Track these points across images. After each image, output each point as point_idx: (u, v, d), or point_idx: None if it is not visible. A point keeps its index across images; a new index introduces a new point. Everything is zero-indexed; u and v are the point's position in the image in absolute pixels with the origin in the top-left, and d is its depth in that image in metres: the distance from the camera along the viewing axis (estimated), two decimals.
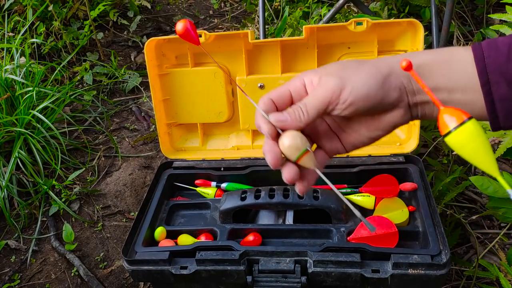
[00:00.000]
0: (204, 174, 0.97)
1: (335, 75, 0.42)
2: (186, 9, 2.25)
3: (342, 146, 0.47)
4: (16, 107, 1.38)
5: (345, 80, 0.41)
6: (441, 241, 0.73)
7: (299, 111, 0.42)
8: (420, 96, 0.43)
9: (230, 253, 0.73)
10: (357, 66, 0.43)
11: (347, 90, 0.41)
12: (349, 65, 0.43)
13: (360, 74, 0.42)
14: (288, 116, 0.42)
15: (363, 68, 0.42)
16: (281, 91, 0.45)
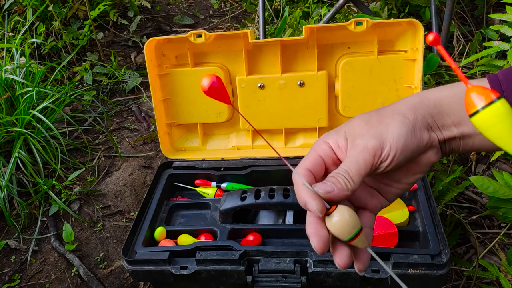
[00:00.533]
0: (204, 174, 0.97)
1: (367, 135, 0.41)
2: (186, 9, 2.25)
3: (384, 199, 0.45)
4: (16, 107, 1.38)
5: (380, 137, 0.40)
6: (441, 241, 0.73)
7: (343, 179, 0.39)
8: (446, 132, 0.42)
9: (230, 253, 0.73)
10: (381, 118, 0.42)
11: (387, 147, 0.40)
12: (372, 119, 0.42)
13: (390, 126, 0.41)
14: (335, 186, 0.38)
15: (389, 119, 0.41)
16: (313, 158, 0.42)
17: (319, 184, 0.39)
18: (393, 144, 0.40)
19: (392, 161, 0.40)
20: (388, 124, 0.41)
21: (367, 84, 0.93)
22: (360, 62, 0.92)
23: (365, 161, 0.40)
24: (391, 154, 0.40)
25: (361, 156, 0.40)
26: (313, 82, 0.95)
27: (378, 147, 0.40)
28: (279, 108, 0.98)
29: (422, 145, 0.41)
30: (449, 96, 0.42)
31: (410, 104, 0.42)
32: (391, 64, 0.91)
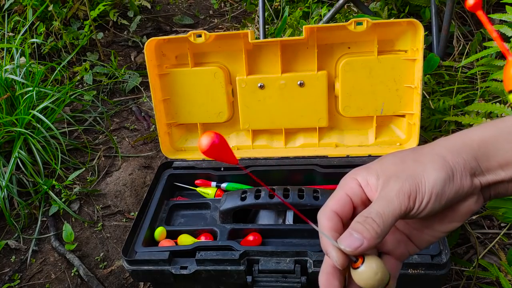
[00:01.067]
0: (204, 174, 0.97)
1: (403, 175, 0.37)
2: (186, 9, 2.25)
3: (414, 247, 0.42)
4: (16, 107, 1.38)
5: (416, 179, 0.37)
6: (441, 241, 0.73)
7: (373, 225, 0.35)
8: (491, 176, 0.38)
9: (230, 253, 0.73)
10: (417, 157, 0.38)
11: (423, 190, 0.36)
12: (407, 158, 0.38)
13: (428, 168, 0.37)
14: (363, 238, 0.35)
15: (427, 159, 0.38)
16: (340, 199, 0.39)
17: (346, 237, 0.36)
18: (429, 187, 0.36)
19: (426, 206, 0.36)
20: (426, 165, 0.37)
21: (367, 84, 0.93)
22: (360, 62, 0.92)
23: (400, 203, 0.36)
24: (426, 199, 0.36)
25: (396, 197, 0.36)
26: (313, 82, 0.95)
27: (414, 190, 0.36)
28: (279, 108, 0.98)
29: (462, 192, 0.37)
30: (494, 135, 0.38)
31: (451, 145, 0.38)
32: (391, 64, 0.91)
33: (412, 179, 0.36)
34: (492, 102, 1.03)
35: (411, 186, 0.36)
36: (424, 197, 0.36)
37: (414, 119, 0.92)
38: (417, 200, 0.36)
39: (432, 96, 1.23)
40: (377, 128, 0.98)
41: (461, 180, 0.37)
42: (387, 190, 0.37)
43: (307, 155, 0.97)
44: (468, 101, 1.20)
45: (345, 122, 1.00)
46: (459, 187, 0.37)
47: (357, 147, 0.99)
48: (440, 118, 1.14)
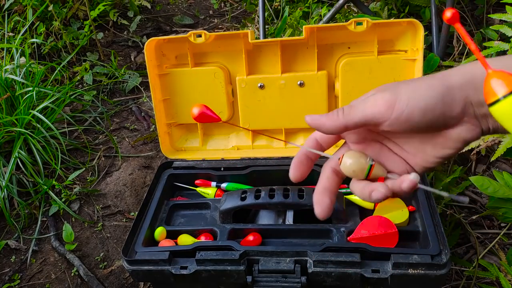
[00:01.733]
0: (204, 174, 0.97)
1: (389, 89, 0.38)
2: (186, 9, 2.25)
3: (411, 168, 0.42)
4: (16, 107, 1.38)
5: (399, 92, 0.38)
6: (441, 241, 0.73)
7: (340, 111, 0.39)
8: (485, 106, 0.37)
9: (230, 253, 0.73)
10: (415, 80, 0.39)
11: (403, 101, 0.37)
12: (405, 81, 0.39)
13: (417, 85, 0.38)
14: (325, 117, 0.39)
15: (422, 80, 0.38)
16: None
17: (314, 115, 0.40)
18: (410, 100, 0.37)
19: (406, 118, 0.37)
20: (417, 84, 0.38)
21: (367, 84, 0.93)
22: (360, 62, 0.92)
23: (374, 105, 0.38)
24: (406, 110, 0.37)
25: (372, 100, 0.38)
26: (313, 82, 0.95)
27: (392, 98, 0.37)
28: (279, 108, 0.98)
29: (450, 115, 0.37)
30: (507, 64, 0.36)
31: (453, 73, 0.38)
32: (391, 64, 0.91)
33: (395, 91, 0.38)
34: None
35: (392, 95, 0.38)
36: (404, 108, 0.37)
37: None
38: (395, 109, 0.37)
39: None
40: None
41: (451, 103, 0.37)
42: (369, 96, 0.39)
43: None
44: None
45: None
46: (447, 109, 0.37)
47: None
48: None
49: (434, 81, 0.37)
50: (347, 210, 0.83)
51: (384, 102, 0.38)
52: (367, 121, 0.39)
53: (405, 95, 0.37)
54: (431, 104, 0.37)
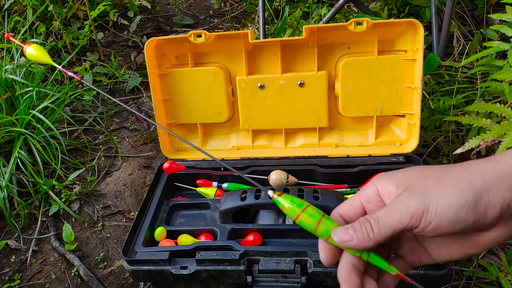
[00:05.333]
0: (204, 174, 0.97)
1: (417, 191, 0.36)
2: (186, 9, 2.25)
3: (430, 258, 0.41)
4: (16, 107, 1.38)
5: (428, 199, 0.35)
6: None
7: (368, 227, 0.36)
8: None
9: (230, 253, 0.73)
10: (442, 176, 0.36)
11: (431, 213, 0.35)
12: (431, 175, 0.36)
13: (446, 190, 0.35)
14: (354, 235, 0.36)
15: (449, 182, 0.35)
16: (351, 204, 0.40)
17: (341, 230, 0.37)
18: (439, 211, 0.34)
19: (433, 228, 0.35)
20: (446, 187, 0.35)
21: (367, 84, 0.93)
22: (360, 62, 0.92)
23: (401, 217, 0.35)
24: (434, 222, 0.35)
25: (398, 210, 0.36)
26: (313, 82, 0.95)
27: (420, 208, 0.35)
28: (279, 108, 0.98)
29: (484, 222, 0.35)
30: None
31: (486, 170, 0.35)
32: (391, 64, 0.91)
33: (423, 198, 0.35)
34: (492, 102, 1.02)
35: (419, 205, 0.35)
36: (432, 220, 0.35)
37: (414, 119, 0.92)
38: (422, 220, 0.35)
39: (432, 96, 1.23)
40: (377, 128, 0.98)
41: (485, 209, 0.34)
42: (395, 201, 0.36)
43: (307, 155, 0.97)
44: (468, 101, 1.20)
45: (345, 122, 1.00)
46: (480, 217, 0.34)
47: (357, 147, 0.99)
48: (440, 118, 1.14)
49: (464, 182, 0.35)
50: None
51: (411, 214, 0.35)
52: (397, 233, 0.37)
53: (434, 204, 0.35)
54: (462, 214, 0.34)
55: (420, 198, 0.35)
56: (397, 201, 0.36)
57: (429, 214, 0.35)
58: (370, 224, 0.36)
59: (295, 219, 0.39)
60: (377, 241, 0.36)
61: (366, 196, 0.39)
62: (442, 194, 0.35)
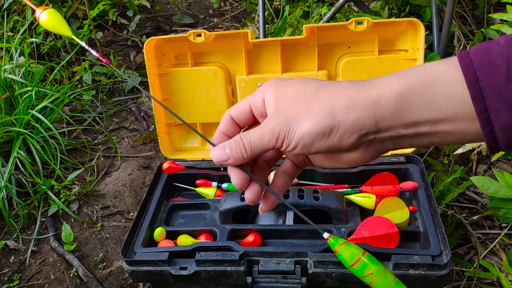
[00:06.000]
0: (204, 174, 0.97)
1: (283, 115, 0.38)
2: (186, 9, 2.25)
3: (311, 163, 0.44)
4: (15, 107, 1.38)
5: (289, 124, 0.38)
6: (442, 242, 0.72)
7: (242, 148, 0.40)
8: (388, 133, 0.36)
9: (230, 254, 0.73)
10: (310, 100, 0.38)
11: (290, 137, 0.38)
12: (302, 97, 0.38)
13: (307, 117, 0.37)
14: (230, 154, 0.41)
15: (313, 108, 0.37)
16: (241, 106, 0.43)
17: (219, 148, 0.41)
18: (297, 137, 0.37)
19: (293, 150, 0.38)
20: (309, 113, 0.37)
21: None
22: (361, 62, 0.92)
23: (268, 141, 0.39)
24: (292, 145, 0.38)
25: (266, 135, 0.39)
26: None
27: (282, 134, 0.38)
28: None
29: (339, 147, 0.37)
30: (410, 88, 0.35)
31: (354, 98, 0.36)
32: (391, 64, 0.91)
33: (287, 123, 0.38)
34: None
35: (282, 130, 0.38)
36: (290, 143, 0.38)
37: None
38: (284, 142, 0.38)
39: None
40: None
41: (339, 138, 0.37)
42: (266, 123, 0.39)
43: None
44: None
45: None
46: (334, 144, 0.37)
47: None
48: None
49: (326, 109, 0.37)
50: (347, 210, 0.82)
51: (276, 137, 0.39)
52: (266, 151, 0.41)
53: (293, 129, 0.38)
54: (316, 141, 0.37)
55: (284, 123, 0.38)
56: (266, 123, 0.39)
57: (288, 139, 0.38)
58: (244, 145, 0.40)
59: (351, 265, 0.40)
60: (251, 158, 0.41)
61: (255, 101, 0.42)
62: (302, 120, 0.37)
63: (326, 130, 0.36)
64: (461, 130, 0.34)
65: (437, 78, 0.34)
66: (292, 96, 0.39)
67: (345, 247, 0.40)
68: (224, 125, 0.43)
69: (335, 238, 0.40)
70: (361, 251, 0.39)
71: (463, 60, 0.33)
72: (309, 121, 0.37)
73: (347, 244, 0.40)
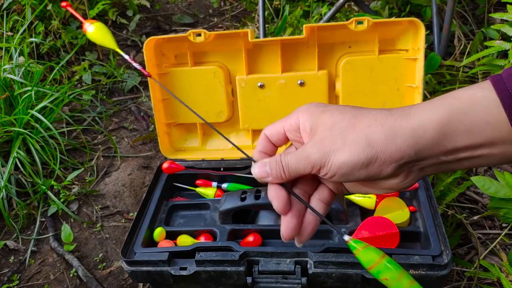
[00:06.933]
0: (204, 174, 0.96)
1: (320, 144, 0.39)
2: (186, 8, 2.24)
3: (346, 190, 0.45)
4: (15, 107, 1.38)
5: (326, 154, 0.38)
6: (443, 242, 0.72)
7: (281, 169, 0.41)
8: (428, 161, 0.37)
9: (230, 254, 0.73)
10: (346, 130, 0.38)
11: (327, 167, 0.38)
12: (338, 126, 0.38)
13: (344, 147, 0.37)
14: (270, 174, 0.42)
15: (350, 138, 0.37)
16: (275, 128, 0.44)
17: (260, 165, 0.42)
18: (335, 166, 0.38)
19: (330, 178, 0.39)
20: (345, 143, 0.37)
21: (368, 83, 0.93)
22: (361, 62, 0.91)
23: (304, 167, 0.40)
24: (329, 174, 0.39)
25: (302, 162, 0.40)
26: (314, 81, 0.94)
27: (318, 163, 0.39)
28: (279, 108, 0.97)
29: (378, 176, 0.38)
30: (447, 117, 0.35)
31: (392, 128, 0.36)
32: (392, 64, 0.91)
33: (323, 153, 0.38)
34: None
35: (318, 159, 0.39)
36: (328, 172, 0.39)
37: None
38: (321, 171, 0.39)
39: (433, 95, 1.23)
40: None
41: (378, 167, 0.37)
42: (302, 150, 0.40)
43: None
44: None
45: None
46: (374, 174, 0.37)
47: None
48: None
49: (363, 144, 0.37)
50: (347, 210, 0.82)
51: (312, 165, 0.39)
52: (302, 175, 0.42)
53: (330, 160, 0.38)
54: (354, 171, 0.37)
55: (320, 153, 0.39)
56: (303, 150, 0.40)
57: (325, 168, 0.39)
58: (282, 167, 0.41)
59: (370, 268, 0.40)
60: (289, 180, 0.42)
61: (289, 125, 0.43)
62: (339, 151, 0.38)
63: (365, 161, 0.37)
64: (501, 152, 0.35)
65: (473, 104, 0.34)
66: (328, 124, 0.39)
67: (363, 252, 0.40)
68: (261, 143, 0.45)
69: (355, 241, 0.41)
70: (379, 256, 0.39)
71: (497, 84, 0.34)
72: (346, 152, 0.37)
73: (366, 249, 0.40)
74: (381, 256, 0.39)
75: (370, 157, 0.37)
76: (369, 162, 0.37)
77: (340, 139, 0.38)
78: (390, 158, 0.36)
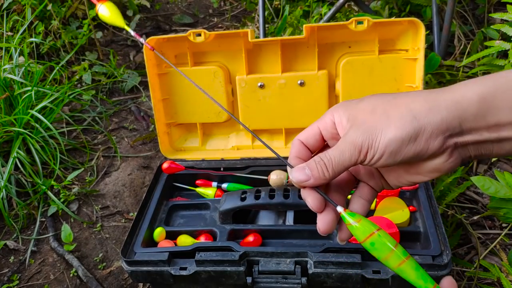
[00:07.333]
0: (204, 174, 0.96)
1: (363, 127, 0.38)
2: (186, 8, 2.24)
3: (387, 184, 0.44)
4: (15, 107, 1.38)
5: (372, 135, 0.37)
6: (443, 242, 0.72)
7: (323, 167, 0.39)
8: (472, 136, 0.36)
9: (230, 254, 0.73)
10: (389, 109, 0.38)
11: (375, 147, 0.37)
12: (379, 108, 0.38)
13: (389, 124, 0.37)
14: (311, 176, 0.40)
15: (394, 115, 0.37)
16: (310, 130, 0.43)
17: (299, 169, 0.40)
18: (383, 145, 0.37)
19: (378, 161, 0.38)
20: (390, 120, 0.37)
21: (368, 83, 0.93)
22: (361, 62, 0.91)
23: (350, 155, 0.38)
24: (377, 156, 0.37)
25: (348, 149, 0.38)
26: (314, 81, 0.94)
27: (366, 145, 0.38)
28: (279, 108, 0.97)
29: (425, 153, 0.37)
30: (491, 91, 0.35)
31: (435, 101, 0.37)
32: (392, 64, 0.91)
33: (369, 134, 0.37)
34: None
35: (364, 141, 0.37)
36: (375, 153, 0.37)
37: None
38: (368, 154, 0.38)
39: None
40: None
41: (426, 141, 0.36)
42: (344, 138, 0.39)
43: None
44: None
45: None
46: (422, 149, 0.37)
47: None
48: None
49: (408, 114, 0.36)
50: None
51: (358, 150, 0.38)
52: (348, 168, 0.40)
53: (377, 139, 0.37)
54: (402, 147, 0.37)
55: (365, 134, 0.37)
56: (345, 139, 0.39)
57: (373, 149, 0.37)
58: (325, 163, 0.39)
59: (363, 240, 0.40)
60: (332, 178, 0.40)
61: (324, 124, 0.42)
62: (385, 128, 0.37)
63: (412, 135, 0.36)
64: None
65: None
66: (368, 109, 0.39)
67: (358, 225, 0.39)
68: (296, 149, 0.43)
69: (350, 213, 0.40)
70: (374, 228, 0.39)
71: None
72: (393, 128, 0.37)
73: (361, 222, 0.39)
74: (376, 229, 0.39)
75: (418, 129, 0.36)
76: (417, 135, 0.36)
77: (384, 117, 0.37)
78: (437, 130, 0.36)
